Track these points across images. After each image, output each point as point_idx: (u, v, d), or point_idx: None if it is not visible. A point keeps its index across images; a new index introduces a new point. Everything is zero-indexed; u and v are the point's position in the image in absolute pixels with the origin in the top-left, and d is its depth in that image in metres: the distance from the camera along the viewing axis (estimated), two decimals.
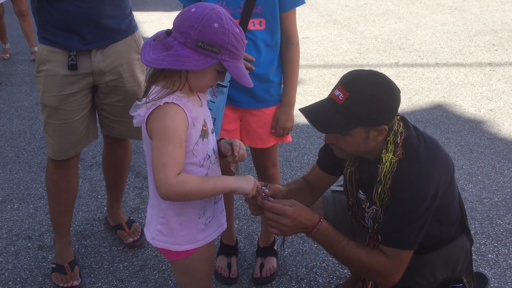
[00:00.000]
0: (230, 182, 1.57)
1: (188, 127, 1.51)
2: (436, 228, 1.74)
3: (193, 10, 1.47)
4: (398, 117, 1.72)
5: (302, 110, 1.70)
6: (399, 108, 1.73)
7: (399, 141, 1.67)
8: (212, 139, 1.65)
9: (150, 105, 1.48)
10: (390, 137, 1.68)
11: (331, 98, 1.66)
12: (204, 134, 1.58)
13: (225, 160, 1.70)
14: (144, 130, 1.55)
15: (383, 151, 1.68)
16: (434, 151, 1.70)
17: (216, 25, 1.43)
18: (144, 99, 1.51)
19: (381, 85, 1.63)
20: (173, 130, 1.47)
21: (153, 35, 1.52)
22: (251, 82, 1.55)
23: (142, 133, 1.58)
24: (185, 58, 1.43)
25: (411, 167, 1.65)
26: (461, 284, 1.79)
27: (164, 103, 1.47)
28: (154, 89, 1.51)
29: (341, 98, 1.61)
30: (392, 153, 1.66)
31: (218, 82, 2.10)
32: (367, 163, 1.80)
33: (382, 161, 1.67)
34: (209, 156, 1.61)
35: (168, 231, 1.62)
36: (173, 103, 1.47)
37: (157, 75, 1.52)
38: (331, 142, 1.72)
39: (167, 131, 1.46)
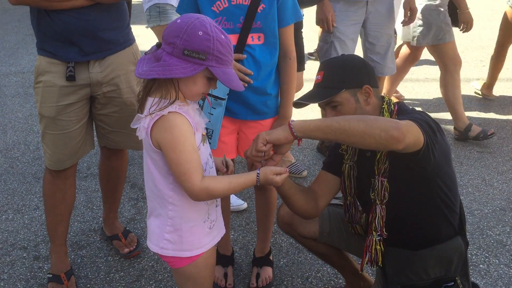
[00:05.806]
0: (253, 177, 1.65)
1: (194, 133, 1.56)
2: (441, 217, 1.80)
3: (178, 21, 1.53)
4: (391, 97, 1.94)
5: (295, 103, 1.94)
6: None
7: (393, 109, 1.86)
8: (207, 145, 1.71)
9: (154, 116, 1.52)
10: (384, 105, 1.86)
11: (314, 84, 1.96)
12: (204, 139, 1.66)
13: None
14: (147, 141, 1.58)
15: None
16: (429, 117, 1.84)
17: (200, 33, 1.48)
18: (147, 110, 1.55)
19: (347, 55, 2.01)
20: (184, 138, 1.52)
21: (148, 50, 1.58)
22: (242, 85, 1.61)
23: (144, 143, 1.61)
24: (173, 66, 1.48)
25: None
26: (452, 283, 1.81)
27: (169, 112, 1.51)
28: (154, 101, 1.54)
29: (319, 78, 1.92)
30: None
31: (217, 96, 2.16)
32: (367, 153, 1.88)
33: None
34: (207, 160, 1.68)
35: (177, 238, 1.65)
36: (176, 112, 1.52)
37: (149, 86, 1.57)
38: None
39: (178, 140, 1.51)
